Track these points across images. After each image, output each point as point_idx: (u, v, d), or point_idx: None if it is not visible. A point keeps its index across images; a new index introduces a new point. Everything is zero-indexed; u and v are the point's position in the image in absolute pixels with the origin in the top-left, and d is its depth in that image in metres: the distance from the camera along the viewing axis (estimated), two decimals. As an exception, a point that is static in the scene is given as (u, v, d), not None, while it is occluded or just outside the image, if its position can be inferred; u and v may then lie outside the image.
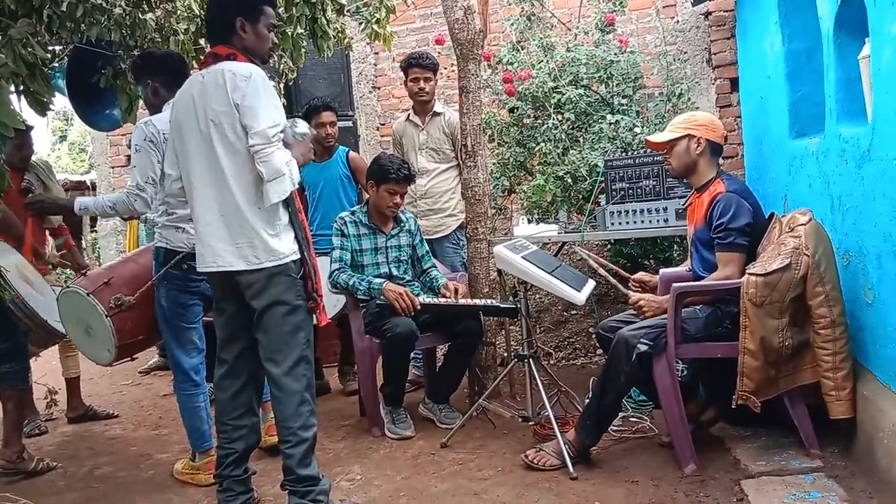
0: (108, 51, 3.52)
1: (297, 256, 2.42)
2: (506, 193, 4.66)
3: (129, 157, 5.76)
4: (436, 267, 3.75)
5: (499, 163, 4.58)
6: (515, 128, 4.60)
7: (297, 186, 2.39)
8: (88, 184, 9.06)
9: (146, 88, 3.05)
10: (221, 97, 2.32)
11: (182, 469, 3.07)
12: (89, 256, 7.87)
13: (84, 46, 3.37)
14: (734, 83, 4.85)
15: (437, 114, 4.14)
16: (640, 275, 3.21)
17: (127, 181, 4.61)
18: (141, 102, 3.78)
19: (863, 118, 2.59)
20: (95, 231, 6.83)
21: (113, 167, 6.47)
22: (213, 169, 2.38)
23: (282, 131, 2.35)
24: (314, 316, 2.52)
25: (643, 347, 2.69)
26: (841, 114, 2.76)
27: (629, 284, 3.16)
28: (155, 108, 3.01)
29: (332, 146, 4.14)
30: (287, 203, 2.40)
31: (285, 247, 2.39)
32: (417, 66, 4.08)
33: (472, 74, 3.68)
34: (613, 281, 3.15)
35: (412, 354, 3.69)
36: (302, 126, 2.45)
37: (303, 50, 3.87)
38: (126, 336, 2.93)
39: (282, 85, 4.29)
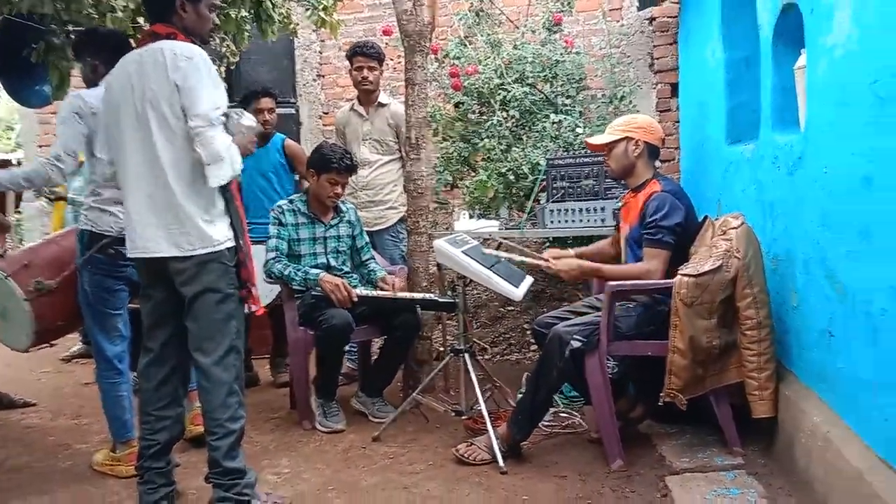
0: (40, 24, 3.36)
1: (232, 244, 2.35)
2: (448, 188, 4.64)
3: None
4: (375, 259, 3.71)
5: (442, 157, 4.56)
6: (460, 123, 4.59)
7: (238, 174, 2.32)
8: (14, 163, 8.66)
9: (86, 66, 2.92)
10: (160, 77, 2.23)
11: (102, 460, 2.96)
12: (12, 239, 7.53)
13: (14, 19, 3.22)
14: (675, 88, 4.94)
15: (382, 105, 4.09)
16: (552, 250, 3.20)
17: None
18: (73, 80, 3.65)
19: (796, 127, 2.67)
20: (19, 212, 6.52)
21: (41, 146, 6.19)
22: (147, 151, 2.28)
23: (225, 115, 2.28)
24: (246, 305, 2.44)
25: (576, 344, 2.72)
26: (776, 122, 2.83)
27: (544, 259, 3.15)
28: (92, 86, 2.89)
29: (269, 133, 4.05)
30: (223, 189, 2.33)
31: (220, 234, 2.32)
32: (362, 54, 4.02)
33: (419, 67, 3.65)
34: (531, 259, 3.14)
35: (347, 347, 3.64)
36: (248, 119, 2.38)
37: (246, 33, 3.78)
38: (46, 321, 2.83)
39: (223, 69, 4.17)
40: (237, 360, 2.40)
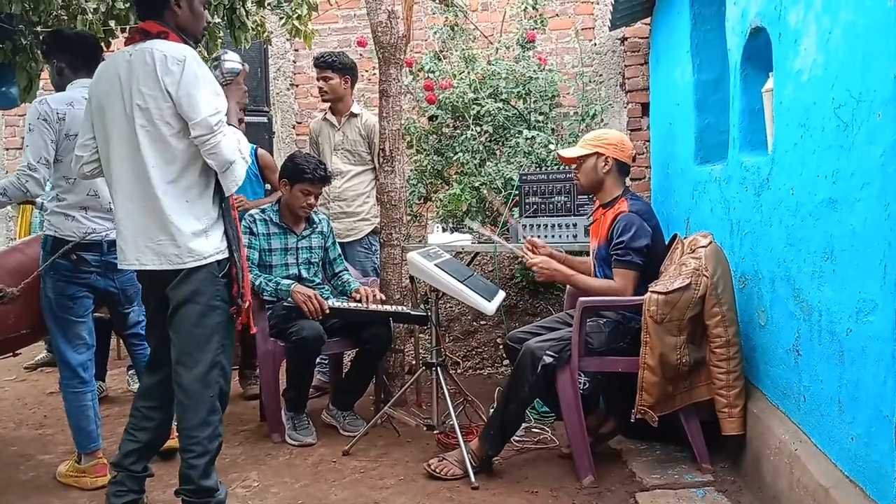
0: (7, 24, 3.29)
1: (224, 256, 2.25)
2: (422, 201, 4.65)
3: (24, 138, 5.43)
4: (348, 270, 3.69)
5: (416, 170, 4.57)
6: (434, 136, 4.61)
7: (248, 162, 2.27)
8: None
9: (52, 67, 2.88)
10: (150, 79, 2.14)
11: (66, 471, 2.90)
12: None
13: (-19, 19, 3.15)
14: (645, 108, 5.03)
15: (353, 115, 4.08)
16: (532, 239, 3.21)
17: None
18: (41, 83, 3.58)
19: (764, 148, 2.72)
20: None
21: (7, 149, 6.08)
22: (134, 158, 2.19)
23: (215, 60, 2.22)
24: (235, 321, 2.34)
25: (548, 359, 2.73)
26: (743, 143, 2.89)
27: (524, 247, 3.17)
28: (59, 89, 2.84)
29: None
30: (220, 197, 2.26)
31: (210, 246, 2.22)
32: (318, 65, 4.05)
33: (394, 79, 3.66)
34: (511, 246, 3.16)
35: (318, 359, 3.61)
36: (230, 61, 2.29)
37: (219, 40, 3.75)
38: (8, 330, 2.77)
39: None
40: (221, 377, 2.30)
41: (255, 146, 4.14)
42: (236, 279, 2.28)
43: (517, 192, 3.95)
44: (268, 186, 4.21)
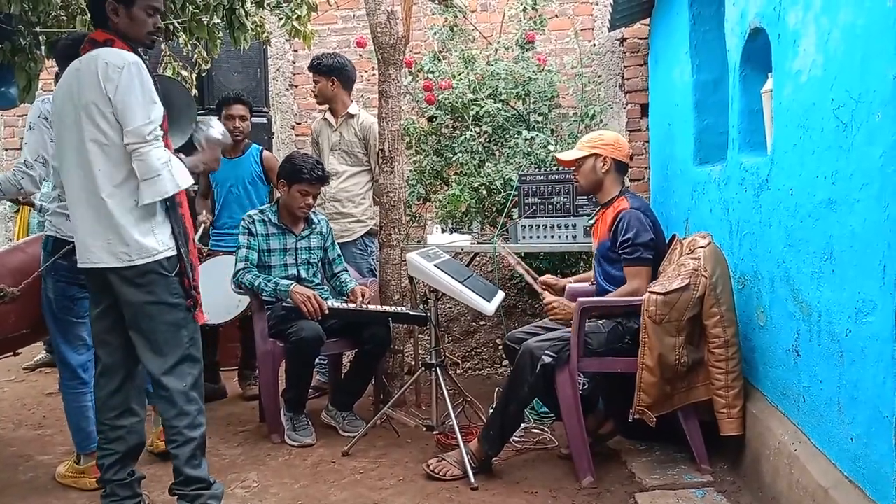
0: (6, 25, 3.29)
1: (172, 253, 2.32)
2: (421, 201, 4.65)
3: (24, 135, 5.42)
4: (347, 271, 3.69)
5: (415, 170, 4.57)
6: (433, 136, 4.61)
7: (185, 187, 2.30)
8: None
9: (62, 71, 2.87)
10: (94, 86, 2.22)
11: (65, 472, 2.90)
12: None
13: (-21, 19, 3.15)
14: (644, 109, 5.03)
15: (351, 115, 4.09)
16: (547, 277, 3.27)
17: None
18: (40, 83, 3.58)
19: (763, 149, 2.73)
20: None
21: (7, 149, 6.07)
22: (82, 161, 2.28)
23: (196, 124, 2.25)
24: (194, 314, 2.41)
25: (548, 359, 2.73)
26: (743, 144, 2.90)
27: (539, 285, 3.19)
28: None
29: (240, 140, 4.01)
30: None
31: (159, 243, 2.30)
32: (309, 69, 4.14)
33: (393, 79, 3.66)
34: (530, 279, 3.17)
35: (317, 360, 3.61)
36: (216, 131, 2.34)
37: (218, 41, 3.74)
38: (8, 330, 2.77)
39: (194, 75, 4.13)
40: (193, 368, 2.38)
41: (260, 148, 4.15)
42: (186, 273, 2.35)
43: (516, 192, 3.95)
44: (272, 188, 4.21)
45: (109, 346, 2.42)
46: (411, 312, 3.40)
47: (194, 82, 4.17)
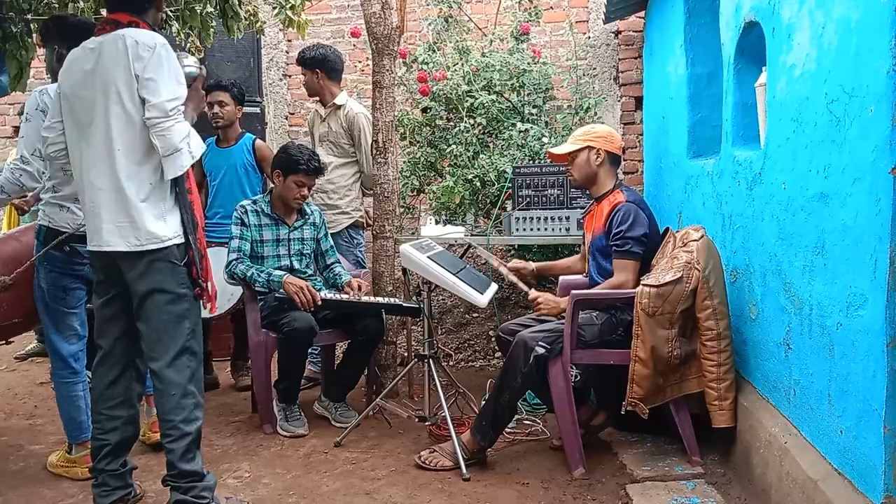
0: (-3, 11, 3.26)
1: (181, 240, 2.32)
2: (415, 193, 4.64)
3: (16, 127, 5.38)
4: (340, 263, 3.69)
5: (409, 161, 4.56)
6: (428, 128, 4.60)
7: (199, 156, 2.31)
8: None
9: (52, 53, 2.86)
10: (121, 65, 2.22)
11: (57, 462, 2.89)
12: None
13: (-31, 6, 3.12)
14: (639, 102, 5.03)
15: (338, 106, 4.07)
16: (515, 262, 3.27)
17: (12, 153, 4.31)
18: (32, 71, 3.55)
19: (756, 143, 2.73)
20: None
21: (-3, 137, 6.02)
22: (105, 141, 2.26)
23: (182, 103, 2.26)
24: (202, 304, 2.42)
25: (541, 350, 2.74)
26: (736, 138, 2.90)
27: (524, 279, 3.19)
28: (55, 74, 2.82)
29: (220, 126, 3.98)
30: (175, 182, 2.31)
31: (169, 230, 2.29)
32: (296, 62, 4.15)
33: (387, 70, 3.65)
34: (513, 278, 3.17)
35: (310, 351, 3.61)
36: (189, 66, 2.35)
37: (211, 30, 3.72)
38: (0, 318, 2.73)
39: (187, 64, 4.11)
40: (192, 362, 2.36)
41: (252, 136, 4.12)
42: (195, 262, 2.34)
43: (510, 185, 3.95)
44: (264, 177, 4.19)
45: (111, 336, 2.41)
46: (404, 304, 3.40)
47: (187, 71, 4.14)
